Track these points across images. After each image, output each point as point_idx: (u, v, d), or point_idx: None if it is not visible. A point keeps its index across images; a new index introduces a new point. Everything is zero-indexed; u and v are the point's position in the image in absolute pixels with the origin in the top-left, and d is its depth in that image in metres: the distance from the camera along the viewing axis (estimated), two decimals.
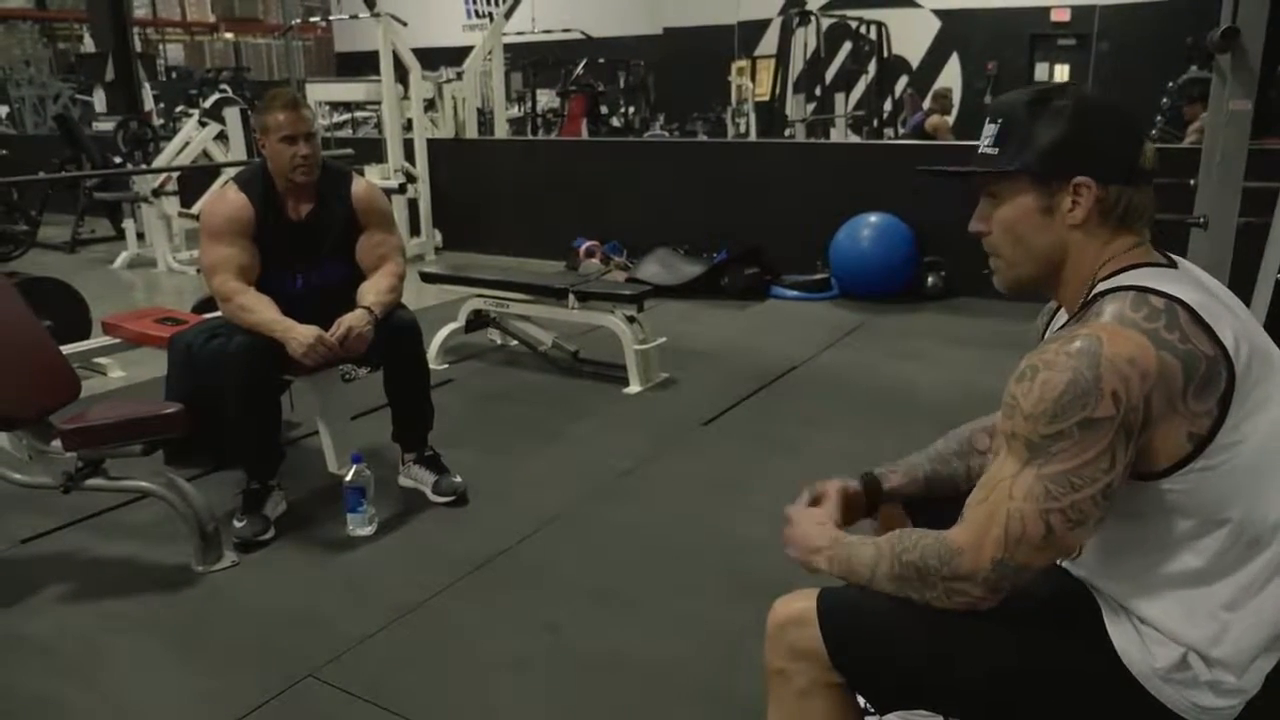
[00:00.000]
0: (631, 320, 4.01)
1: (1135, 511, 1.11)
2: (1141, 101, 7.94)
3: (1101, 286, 1.14)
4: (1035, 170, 1.16)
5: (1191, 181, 3.47)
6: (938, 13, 13.00)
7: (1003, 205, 1.21)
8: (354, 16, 10.34)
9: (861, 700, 1.32)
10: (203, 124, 7.34)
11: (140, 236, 7.27)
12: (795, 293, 5.70)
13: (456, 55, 8.73)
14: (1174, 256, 1.20)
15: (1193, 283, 1.12)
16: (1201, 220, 3.23)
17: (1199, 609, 1.10)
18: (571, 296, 4.09)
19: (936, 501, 1.43)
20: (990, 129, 1.21)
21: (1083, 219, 1.16)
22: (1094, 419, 1.04)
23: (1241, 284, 3.01)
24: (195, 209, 6.90)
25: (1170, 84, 7.78)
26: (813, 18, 9.53)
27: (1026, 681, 1.17)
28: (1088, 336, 1.06)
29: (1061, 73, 12.51)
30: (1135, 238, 1.17)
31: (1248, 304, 3.00)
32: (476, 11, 17.39)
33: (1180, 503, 1.08)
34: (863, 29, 10.35)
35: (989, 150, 1.20)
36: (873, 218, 5.49)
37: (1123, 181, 1.15)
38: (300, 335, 2.61)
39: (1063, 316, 1.29)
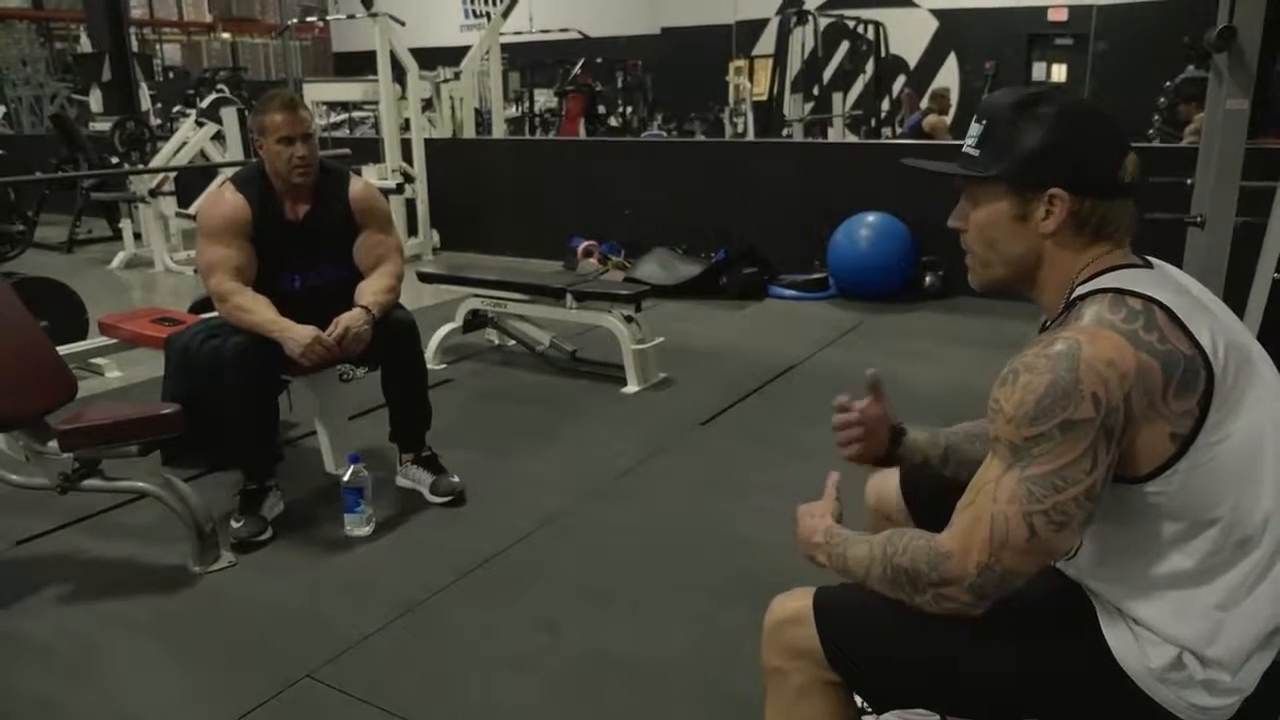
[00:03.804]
0: (629, 320, 4.01)
1: (1124, 515, 1.11)
2: (1139, 101, 7.95)
3: (1080, 290, 1.14)
4: (1011, 178, 1.16)
5: (1189, 181, 3.47)
6: (935, 12, 13.01)
7: (979, 208, 1.21)
8: (351, 16, 10.34)
9: (859, 699, 1.32)
10: (200, 124, 7.34)
11: (137, 237, 7.27)
12: (793, 292, 5.70)
13: (454, 55, 8.72)
14: (1150, 258, 1.20)
15: (1169, 283, 1.13)
16: (1199, 220, 3.23)
17: (1192, 609, 1.10)
18: (569, 296, 4.09)
19: (936, 497, 1.43)
20: (975, 129, 1.20)
21: (1055, 229, 1.16)
22: (1074, 421, 1.04)
23: (1238, 283, 3.01)
24: (192, 209, 6.90)
25: (1168, 83, 7.78)
26: (810, 17, 9.55)
27: (1021, 681, 1.17)
28: (1067, 339, 1.07)
29: (1059, 72, 12.52)
30: (1111, 245, 1.17)
31: (1244, 304, 3.01)
32: (474, 11, 17.39)
33: (1168, 505, 1.08)
34: (860, 29, 10.37)
35: (971, 150, 1.20)
36: (870, 217, 5.50)
37: (1098, 195, 1.15)
38: (297, 335, 2.60)
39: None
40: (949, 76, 12.79)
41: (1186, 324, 1.07)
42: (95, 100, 10.06)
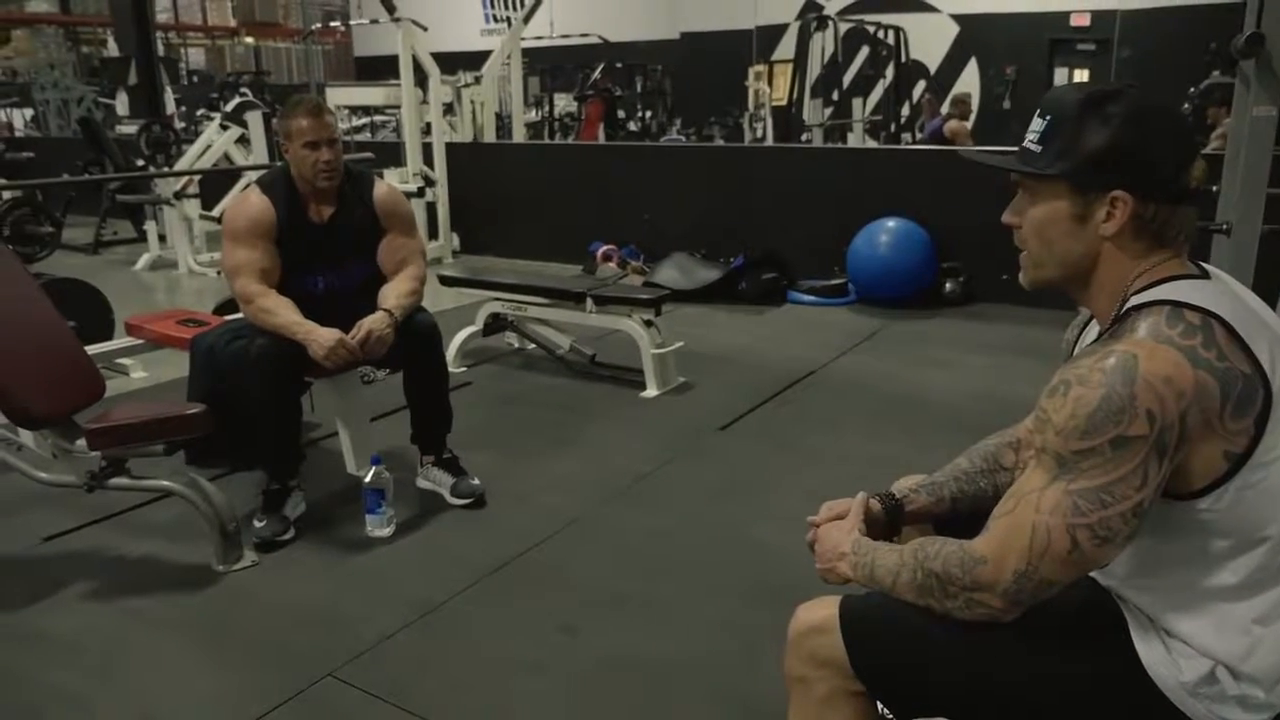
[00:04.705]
0: (649, 324, 4.02)
1: (1171, 529, 1.09)
2: None
3: (1135, 300, 1.11)
4: (1074, 177, 1.13)
5: (1214, 187, 3.44)
6: (956, 17, 12.95)
7: (1037, 205, 1.17)
8: (374, 21, 10.41)
9: (882, 708, 1.31)
10: (224, 127, 7.42)
11: (162, 238, 7.35)
12: (812, 298, 5.70)
13: (475, 60, 8.77)
14: (1206, 266, 1.17)
15: (1227, 295, 1.10)
16: (1224, 227, 3.20)
17: (1231, 624, 1.09)
18: (589, 300, 4.10)
19: (967, 519, 1.42)
20: (1038, 123, 1.16)
21: (1115, 232, 1.12)
22: (1127, 437, 1.02)
23: (1264, 292, 2.96)
24: (216, 211, 6.98)
25: (1192, 89, 7.72)
26: (830, 22, 9.52)
27: (1050, 693, 1.15)
28: (1123, 353, 1.03)
29: (1081, 78, 12.42)
30: (1169, 252, 1.14)
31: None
32: (495, 16, 17.47)
33: (1218, 521, 1.06)
34: (880, 34, 10.33)
35: (1032, 146, 1.16)
36: (890, 223, 5.48)
37: (1162, 200, 1.11)
38: (321, 338, 2.63)
39: (1094, 329, 1.26)
40: (970, 82, 12.73)
41: (1246, 340, 1.04)
42: (121, 103, 10.20)
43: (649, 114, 13.07)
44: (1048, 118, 1.16)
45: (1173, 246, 1.14)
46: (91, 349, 3.35)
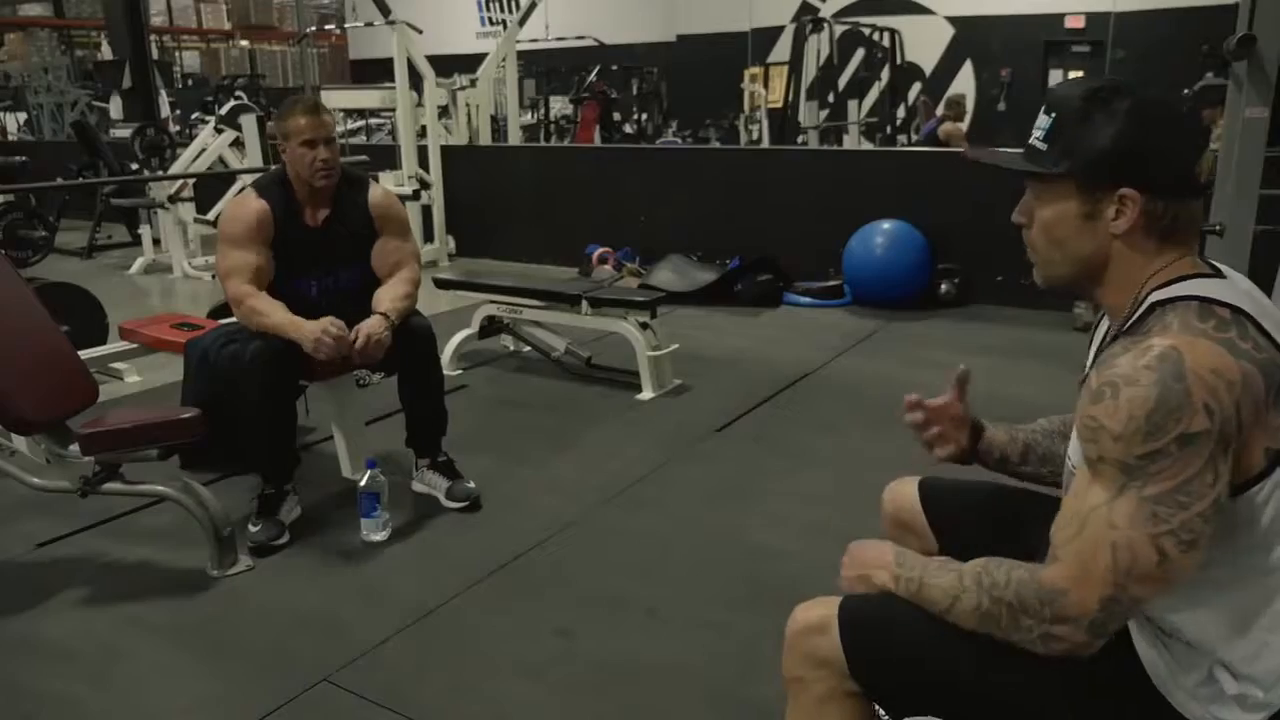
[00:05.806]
0: (644, 327, 4.01)
1: None
2: None
3: (1155, 296, 1.09)
4: (1081, 176, 1.11)
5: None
6: (951, 20, 12.98)
7: (1045, 205, 1.16)
8: (369, 24, 10.40)
9: (879, 709, 1.31)
10: (218, 131, 7.41)
11: (156, 242, 7.34)
12: (808, 300, 5.70)
13: (471, 62, 8.78)
14: (1220, 266, 1.16)
15: (1245, 294, 1.09)
16: (1217, 228, 3.21)
17: (1238, 628, 1.07)
18: (585, 303, 4.10)
19: (956, 508, 1.41)
20: (1044, 120, 1.14)
21: (1125, 230, 1.11)
22: (1191, 433, 0.98)
23: None
24: (211, 215, 6.97)
25: (1186, 90, 7.74)
26: (826, 25, 9.54)
27: (1050, 694, 1.15)
28: (1165, 348, 1.00)
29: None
30: (1182, 250, 1.12)
31: None
32: (490, 19, 17.48)
33: (1247, 518, 1.04)
34: (876, 36, 10.36)
35: (1038, 144, 1.14)
36: (886, 225, 5.49)
37: (1172, 196, 1.10)
38: (308, 330, 2.61)
39: (1101, 328, 1.25)
40: (965, 84, 12.74)
41: (1274, 335, 1.03)
42: (115, 107, 10.19)
43: (645, 116, 13.07)
44: (1053, 114, 1.14)
45: (1185, 242, 1.13)
46: (85, 353, 3.34)
